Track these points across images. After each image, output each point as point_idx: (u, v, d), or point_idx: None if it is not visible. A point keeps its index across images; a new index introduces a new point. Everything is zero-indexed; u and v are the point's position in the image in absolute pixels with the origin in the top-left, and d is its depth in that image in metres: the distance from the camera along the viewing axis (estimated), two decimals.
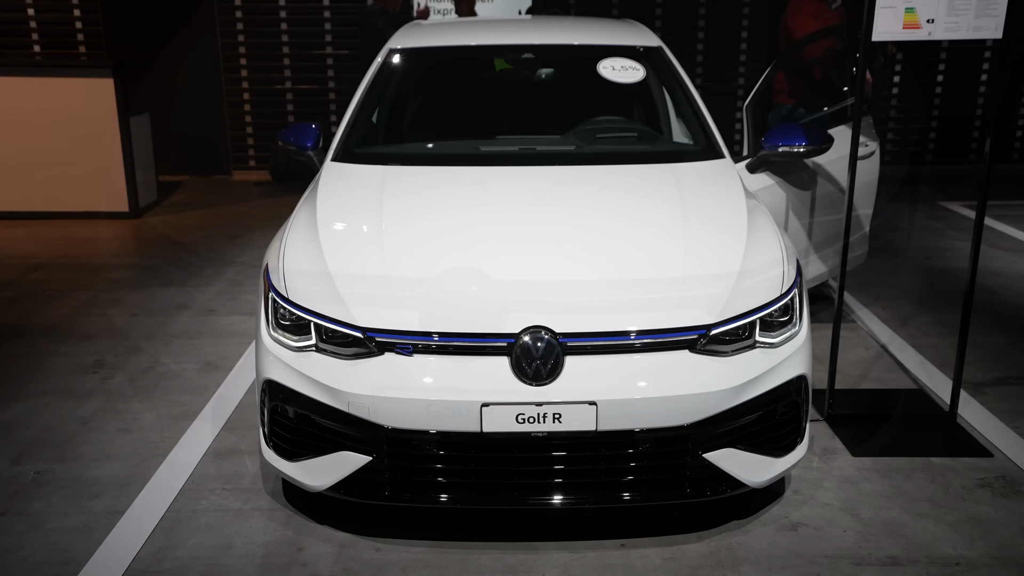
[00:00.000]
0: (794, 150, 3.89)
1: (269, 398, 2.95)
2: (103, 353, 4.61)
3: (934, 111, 9.46)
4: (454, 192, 3.48)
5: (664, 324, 2.78)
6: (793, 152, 3.90)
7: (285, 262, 3.08)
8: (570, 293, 2.86)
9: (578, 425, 2.70)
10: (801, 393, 2.96)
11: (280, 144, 4.05)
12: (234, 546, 2.97)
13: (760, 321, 2.90)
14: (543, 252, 3.03)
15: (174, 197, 8.42)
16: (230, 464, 3.50)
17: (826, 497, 3.24)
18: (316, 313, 2.87)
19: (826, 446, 3.61)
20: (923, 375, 4.30)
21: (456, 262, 2.98)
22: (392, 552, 2.93)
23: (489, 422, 2.69)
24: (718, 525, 3.06)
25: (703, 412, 2.75)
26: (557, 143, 3.97)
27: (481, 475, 2.80)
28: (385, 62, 4.27)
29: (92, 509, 3.19)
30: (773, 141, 3.90)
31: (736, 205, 3.32)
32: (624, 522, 3.06)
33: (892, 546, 2.95)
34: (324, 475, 2.87)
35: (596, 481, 2.81)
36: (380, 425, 2.73)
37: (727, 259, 3.00)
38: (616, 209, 3.33)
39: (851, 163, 3.62)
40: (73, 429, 3.80)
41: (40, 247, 6.64)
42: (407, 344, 2.76)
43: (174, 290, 5.64)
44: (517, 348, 2.72)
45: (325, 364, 2.83)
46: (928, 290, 5.61)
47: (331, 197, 3.44)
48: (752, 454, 2.90)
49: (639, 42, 4.33)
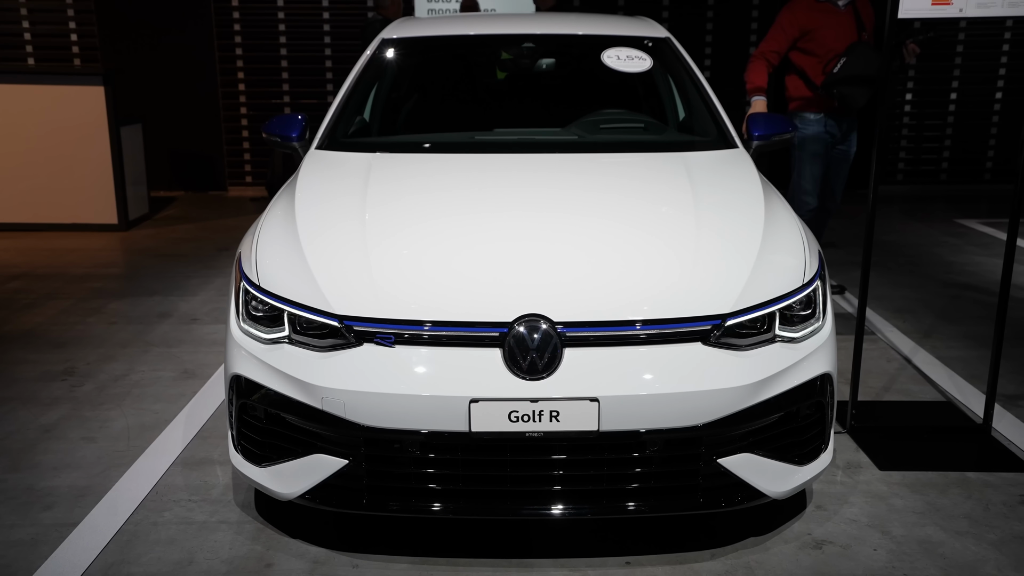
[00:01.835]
0: (785, 137, 3.63)
1: (237, 395, 2.67)
2: (75, 361, 4.33)
3: (948, 129, 9.22)
4: (445, 176, 3.21)
5: (674, 313, 2.49)
6: (784, 139, 3.63)
7: (258, 248, 2.82)
8: (570, 279, 2.57)
9: (578, 425, 2.40)
10: (826, 393, 2.66)
11: (264, 136, 3.78)
12: (196, 561, 2.67)
13: (780, 314, 2.61)
14: (541, 236, 2.76)
15: (166, 211, 8.18)
16: (199, 474, 3.20)
17: (852, 513, 2.93)
18: (289, 301, 2.60)
19: (850, 459, 3.30)
20: (951, 387, 4.00)
21: (445, 245, 2.71)
22: (371, 569, 2.62)
23: (479, 420, 2.39)
24: (733, 542, 2.75)
25: (718, 411, 2.45)
26: (558, 134, 3.72)
27: (470, 481, 2.50)
28: (376, 53, 4.03)
29: (42, 521, 2.90)
30: (763, 131, 3.61)
31: (752, 191, 3.05)
32: (629, 538, 2.76)
33: (930, 566, 2.64)
34: (296, 481, 2.58)
35: (598, 489, 2.50)
36: (357, 424, 2.44)
37: (743, 246, 2.73)
38: (621, 192, 3.06)
39: (874, 167, 3.36)
40: (33, 437, 3.51)
41: (22, 257, 6.38)
42: (388, 334, 2.48)
43: (157, 299, 5.37)
44: (510, 339, 2.43)
45: (297, 357, 2.54)
46: (950, 303, 5.32)
47: (312, 182, 3.18)
48: (772, 461, 2.59)
49: (646, 33, 4.09)
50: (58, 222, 7.22)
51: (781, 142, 3.65)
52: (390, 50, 4.08)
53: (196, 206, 8.50)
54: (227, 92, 8.94)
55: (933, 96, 9.08)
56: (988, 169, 9.33)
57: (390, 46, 4.10)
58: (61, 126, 7.07)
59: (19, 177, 7.14)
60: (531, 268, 2.61)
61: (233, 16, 8.79)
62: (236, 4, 8.76)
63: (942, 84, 9.06)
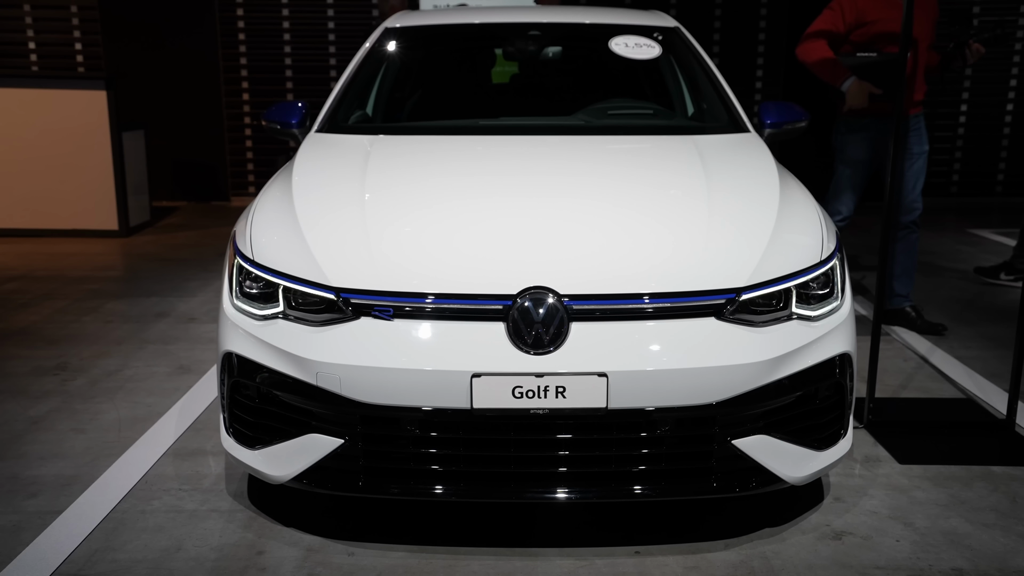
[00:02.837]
0: (798, 125, 3.50)
1: (228, 374, 2.55)
2: (68, 356, 4.22)
3: (958, 141, 9.11)
4: (448, 155, 3.11)
5: (687, 286, 2.38)
6: (797, 128, 3.51)
7: (253, 224, 2.72)
8: (577, 254, 2.46)
9: (585, 401, 2.28)
10: (845, 374, 2.53)
11: (264, 123, 3.69)
12: (184, 548, 2.54)
13: (797, 293, 2.49)
14: (547, 213, 2.64)
15: (168, 220, 8.09)
16: (191, 464, 3.08)
17: (872, 505, 2.80)
18: (283, 274, 2.49)
19: (868, 454, 3.17)
20: (971, 385, 3.86)
21: (447, 221, 2.60)
22: (367, 557, 2.49)
23: (481, 396, 2.27)
24: (747, 533, 2.61)
25: (732, 389, 2.32)
26: (564, 120, 3.62)
27: (472, 462, 2.37)
28: (377, 44, 3.94)
29: (25, 509, 2.77)
30: (775, 118, 3.47)
31: (766, 171, 2.94)
32: (637, 528, 2.63)
33: (956, 557, 2.50)
34: (289, 463, 2.45)
35: (606, 471, 2.37)
36: (353, 401, 2.32)
37: (757, 222, 2.61)
38: (631, 169, 2.96)
39: (894, 157, 3.26)
40: (20, 428, 3.39)
41: (20, 260, 6.29)
42: (386, 306, 2.36)
43: (155, 300, 5.26)
44: (515, 311, 2.31)
45: (291, 331, 2.43)
46: (967, 306, 5.19)
47: (310, 161, 3.09)
48: (789, 444, 2.46)
49: (654, 23, 4.00)
50: (58, 227, 7.13)
51: (794, 130, 3.54)
52: (393, 40, 4.00)
53: (198, 215, 8.41)
54: (231, 101, 8.88)
55: (944, 108, 8.97)
56: (999, 182, 9.22)
57: (393, 35, 4.01)
58: (63, 130, 6.99)
59: (19, 181, 7.06)
60: (537, 242, 2.50)
61: (238, 25, 8.75)
62: (241, 14, 8.73)
63: (952, 95, 8.96)
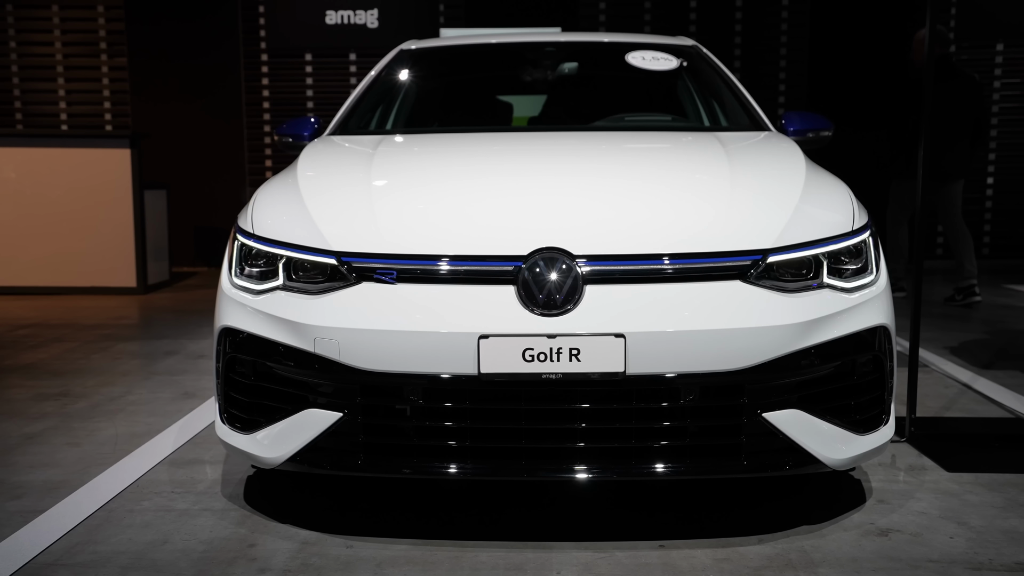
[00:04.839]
0: (822, 134, 3.38)
1: (224, 351, 2.40)
2: (71, 385, 4.09)
3: (987, 203, 8.97)
4: (464, 141, 3.02)
5: (709, 247, 2.22)
6: (821, 137, 3.38)
7: (256, 202, 2.61)
8: (593, 216, 2.32)
9: (601, 365, 2.10)
10: (884, 350, 2.34)
11: (277, 138, 3.64)
12: (171, 542, 2.35)
13: (828, 268, 2.32)
14: (561, 178, 2.53)
15: (187, 281, 8.05)
16: (186, 471, 2.90)
17: (921, 507, 2.56)
18: (283, 243, 2.36)
19: (912, 463, 2.93)
20: (1019, 406, 3.62)
21: (456, 184, 2.49)
22: (366, 548, 2.29)
23: (488, 359, 2.10)
24: (783, 529, 2.38)
25: (760, 354, 2.14)
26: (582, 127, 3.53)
27: (480, 436, 2.18)
28: (391, 64, 3.90)
29: (7, 508, 2.60)
30: (798, 126, 3.34)
31: (791, 151, 2.82)
32: (661, 521, 2.41)
33: (1019, 552, 2.26)
34: (284, 443, 2.28)
35: (626, 447, 2.18)
36: (352, 368, 2.16)
37: (782, 190, 2.47)
38: (650, 150, 2.84)
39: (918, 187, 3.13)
40: (15, 443, 3.24)
41: (35, 312, 6.22)
42: (389, 269, 2.22)
43: (166, 342, 5.15)
44: (525, 272, 2.16)
45: (290, 300, 2.29)
46: (1010, 343, 4.96)
47: (317, 152, 3.00)
48: (826, 423, 2.26)
49: (673, 42, 3.95)
50: (76, 285, 7.09)
51: (818, 139, 3.42)
52: (406, 60, 3.96)
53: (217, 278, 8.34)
54: (254, 168, 8.94)
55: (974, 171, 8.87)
56: None
57: (408, 57, 3.98)
58: (86, 188, 7.02)
59: (41, 241, 7.06)
60: (550, 206, 2.37)
61: (263, 94, 8.89)
62: (266, 83, 8.87)
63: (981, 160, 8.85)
